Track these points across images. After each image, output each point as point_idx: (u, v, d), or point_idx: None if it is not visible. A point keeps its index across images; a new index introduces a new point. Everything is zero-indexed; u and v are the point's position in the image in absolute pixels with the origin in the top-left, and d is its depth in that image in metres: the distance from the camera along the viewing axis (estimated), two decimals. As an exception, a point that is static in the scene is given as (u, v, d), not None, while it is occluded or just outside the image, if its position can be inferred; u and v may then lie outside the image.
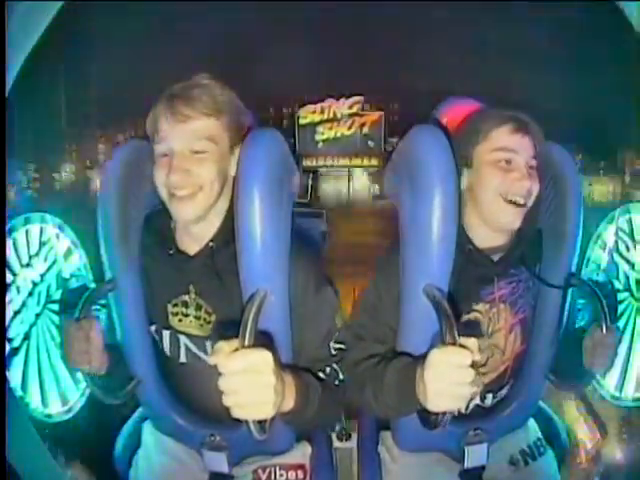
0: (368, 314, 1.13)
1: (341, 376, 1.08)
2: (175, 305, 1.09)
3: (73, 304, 1.03)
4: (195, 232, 1.05)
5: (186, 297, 1.08)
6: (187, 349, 1.10)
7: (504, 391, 1.20)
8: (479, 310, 1.12)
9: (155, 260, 1.09)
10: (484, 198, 1.08)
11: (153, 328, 1.12)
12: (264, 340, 0.81)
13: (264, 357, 0.76)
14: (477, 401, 1.18)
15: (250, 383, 0.75)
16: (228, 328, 0.79)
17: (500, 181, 1.06)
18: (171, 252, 1.06)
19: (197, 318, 1.08)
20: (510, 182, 1.06)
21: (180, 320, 1.09)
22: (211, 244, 1.04)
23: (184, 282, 1.07)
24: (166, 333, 1.11)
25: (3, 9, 0.90)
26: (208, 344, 1.08)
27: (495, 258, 1.12)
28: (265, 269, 0.97)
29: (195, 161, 0.99)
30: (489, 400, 1.19)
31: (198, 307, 1.07)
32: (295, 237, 1.05)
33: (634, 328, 1.64)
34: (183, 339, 1.10)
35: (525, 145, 1.07)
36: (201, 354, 1.10)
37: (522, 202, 1.06)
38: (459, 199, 1.00)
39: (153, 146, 1.02)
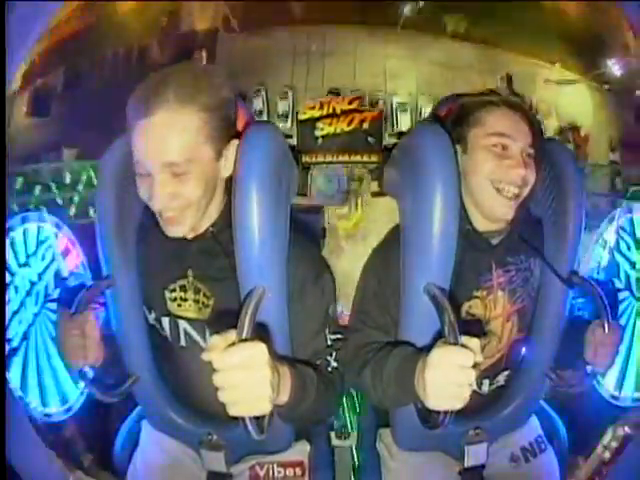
0: (369, 300, 1.13)
1: (334, 364, 1.07)
2: (173, 290, 1.07)
3: (71, 303, 1.03)
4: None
5: (184, 281, 1.07)
6: (186, 334, 1.09)
7: (500, 378, 1.19)
8: (478, 296, 1.12)
9: (152, 246, 1.08)
10: (477, 185, 1.07)
11: (152, 316, 1.11)
12: (260, 334, 0.80)
13: (259, 350, 0.75)
14: (474, 387, 1.17)
15: (245, 378, 0.74)
16: (226, 313, 0.78)
17: (494, 167, 1.04)
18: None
19: (196, 302, 1.07)
20: (504, 169, 1.04)
21: (179, 305, 1.08)
22: (211, 229, 1.03)
23: (182, 266, 1.06)
24: (165, 320, 1.10)
25: (3, 9, 0.90)
26: (207, 328, 1.07)
27: (494, 242, 1.11)
28: (263, 266, 0.97)
29: (178, 183, 0.93)
30: (486, 387, 1.18)
31: (197, 290, 1.06)
32: (294, 231, 1.04)
33: (634, 327, 1.65)
34: (182, 324, 1.09)
35: (522, 131, 1.05)
36: (200, 340, 1.09)
37: (516, 192, 1.04)
38: (460, 197, 1.00)
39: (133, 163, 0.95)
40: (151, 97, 0.89)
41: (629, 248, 1.62)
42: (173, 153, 0.90)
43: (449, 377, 0.81)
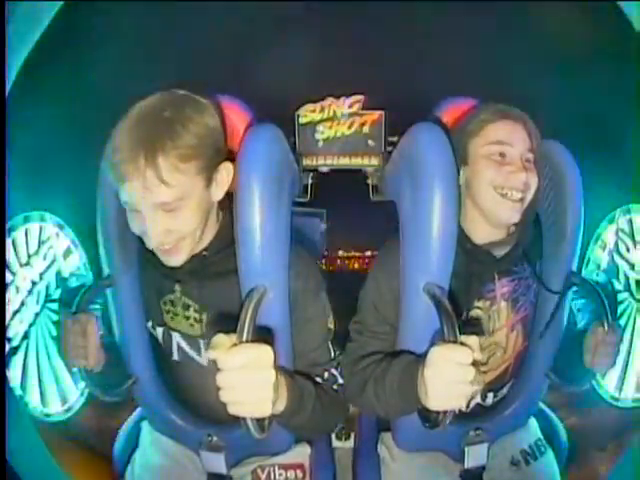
0: (368, 310, 1.12)
1: (340, 380, 1.07)
2: (165, 303, 1.08)
3: (72, 303, 1.03)
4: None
5: (172, 296, 1.06)
6: (179, 347, 1.09)
7: (505, 390, 1.20)
8: (480, 307, 1.12)
9: (148, 258, 1.07)
10: (480, 192, 1.08)
11: (149, 324, 1.11)
12: (263, 336, 0.80)
13: (265, 352, 0.75)
14: (478, 400, 1.18)
15: (249, 379, 0.74)
16: (220, 327, 0.77)
17: (495, 174, 1.05)
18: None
19: (186, 318, 1.07)
20: (505, 175, 1.05)
21: (172, 318, 1.08)
22: (204, 253, 1.02)
23: (171, 280, 1.06)
24: (160, 330, 1.10)
25: (3, 9, 0.90)
26: (202, 343, 1.07)
27: (497, 255, 1.11)
28: (264, 266, 0.96)
29: (171, 218, 0.90)
30: (490, 399, 1.19)
31: (185, 307, 1.06)
32: (296, 239, 1.04)
33: (634, 329, 1.65)
34: (176, 337, 1.09)
35: (519, 138, 1.06)
36: (193, 354, 1.09)
37: (519, 196, 1.05)
38: (459, 197, 1.00)
39: (117, 187, 0.89)
40: (128, 160, 0.85)
41: (628, 250, 1.63)
42: (164, 195, 0.87)
43: (448, 375, 0.80)
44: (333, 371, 1.07)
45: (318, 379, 1.05)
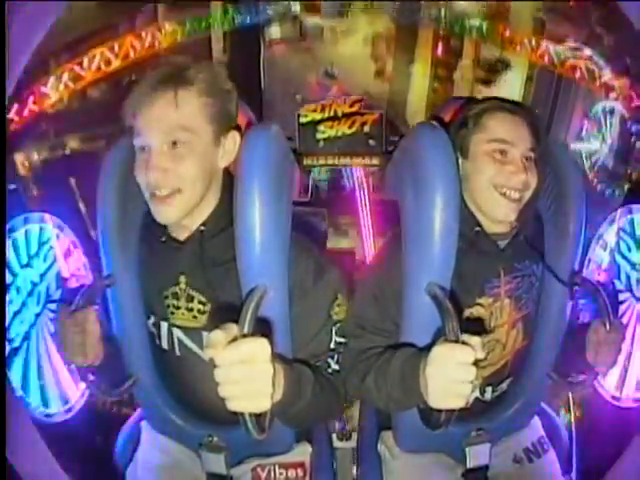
0: (369, 305, 1.12)
1: (334, 366, 1.06)
2: (166, 297, 1.07)
3: (72, 303, 1.02)
4: (185, 222, 1.03)
5: (176, 288, 1.06)
6: (180, 342, 1.08)
7: (504, 385, 1.19)
8: (482, 304, 1.11)
9: (150, 251, 1.08)
10: (479, 189, 1.08)
11: (150, 321, 1.10)
12: (262, 331, 0.79)
13: (261, 345, 0.74)
14: (476, 394, 1.17)
15: (246, 373, 0.73)
16: (224, 317, 0.77)
17: (495, 173, 1.05)
18: (163, 239, 1.04)
19: (189, 310, 1.06)
20: (506, 175, 1.05)
21: (172, 313, 1.07)
22: (202, 228, 1.02)
23: (174, 272, 1.05)
24: (161, 326, 1.09)
25: (3, 9, 0.90)
26: (205, 335, 1.06)
27: (501, 245, 1.11)
28: (264, 266, 0.97)
29: (174, 158, 0.95)
30: (489, 394, 1.18)
31: (189, 298, 1.05)
32: (295, 233, 1.05)
33: (635, 328, 1.65)
34: (177, 332, 1.08)
35: (521, 136, 1.06)
36: (195, 347, 1.07)
37: (517, 196, 1.05)
38: (460, 197, 1.00)
39: (133, 139, 0.99)
40: (157, 81, 0.95)
41: (629, 249, 1.63)
42: (175, 119, 0.94)
43: (449, 374, 0.80)
44: (328, 359, 1.06)
45: (313, 365, 1.04)
